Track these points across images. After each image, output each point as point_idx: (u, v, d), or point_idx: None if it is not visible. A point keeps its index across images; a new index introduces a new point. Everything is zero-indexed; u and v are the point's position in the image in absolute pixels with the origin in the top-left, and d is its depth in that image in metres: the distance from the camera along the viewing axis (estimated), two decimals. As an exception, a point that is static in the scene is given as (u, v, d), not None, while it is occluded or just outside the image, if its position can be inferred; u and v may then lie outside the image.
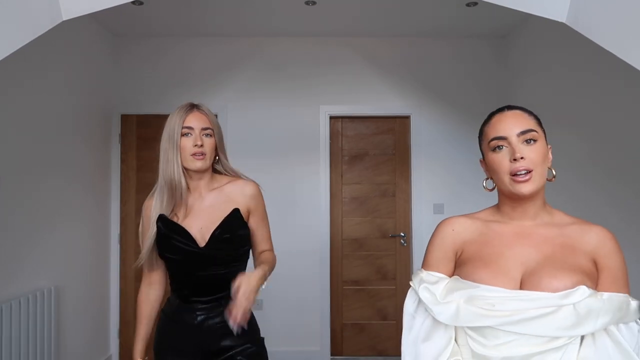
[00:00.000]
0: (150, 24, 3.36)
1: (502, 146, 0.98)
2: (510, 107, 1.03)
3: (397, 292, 3.66)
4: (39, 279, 2.61)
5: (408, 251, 3.67)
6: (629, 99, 2.22)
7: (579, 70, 2.65)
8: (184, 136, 1.41)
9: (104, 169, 3.44)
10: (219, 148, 1.50)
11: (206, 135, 1.43)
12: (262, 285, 1.38)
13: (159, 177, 1.44)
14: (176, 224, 1.42)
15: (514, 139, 0.97)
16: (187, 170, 1.44)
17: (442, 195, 3.63)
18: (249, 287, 1.28)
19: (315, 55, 3.64)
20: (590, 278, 0.94)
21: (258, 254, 1.55)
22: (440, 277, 1.03)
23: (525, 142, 0.97)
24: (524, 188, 0.95)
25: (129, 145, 3.59)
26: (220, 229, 1.41)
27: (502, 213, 1.05)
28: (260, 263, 1.51)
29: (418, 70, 3.66)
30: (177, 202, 1.44)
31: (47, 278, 2.68)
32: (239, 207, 1.46)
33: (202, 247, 1.40)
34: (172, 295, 1.50)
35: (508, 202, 1.03)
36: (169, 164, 1.40)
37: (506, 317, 0.90)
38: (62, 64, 2.87)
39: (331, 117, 3.68)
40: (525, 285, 0.94)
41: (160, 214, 1.42)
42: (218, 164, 1.52)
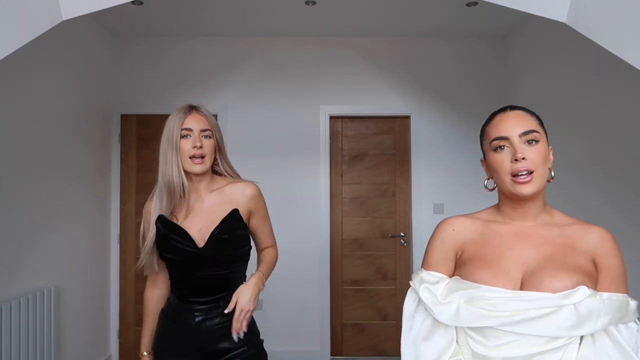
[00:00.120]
0: (150, 24, 3.36)
1: (504, 146, 0.98)
2: (513, 107, 1.03)
3: (397, 292, 3.66)
4: (39, 279, 2.61)
5: (408, 251, 3.67)
6: (629, 99, 2.22)
7: (579, 70, 2.65)
8: (183, 138, 1.41)
9: (104, 169, 3.44)
10: (219, 149, 1.50)
11: (205, 137, 1.44)
12: (262, 287, 1.42)
13: (159, 178, 1.44)
14: (175, 225, 1.42)
15: (515, 139, 0.97)
16: (187, 173, 1.44)
17: (442, 195, 3.63)
18: (244, 300, 1.39)
19: (315, 55, 3.64)
20: (590, 278, 0.94)
21: (260, 251, 1.61)
22: (441, 277, 1.03)
23: (527, 143, 0.97)
24: (525, 189, 0.95)
25: (129, 145, 3.59)
26: (219, 229, 1.42)
27: (502, 213, 1.05)
28: (260, 262, 1.57)
29: (418, 70, 3.66)
30: (177, 204, 1.44)
31: (47, 278, 2.68)
32: (239, 208, 1.46)
33: (201, 248, 1.41)
34: (172, 296, 1.50)
35: (508, 203, 1.03)
36: (168, 166, 1.40)
37: (507, 317, 0.90)
38: (62, 64, 2.87)
39: (331, 117, 3.68)
40: (526, 285, 0.94)
41: (159, 214, 1.42)
42: (217, 166, 1.52)
